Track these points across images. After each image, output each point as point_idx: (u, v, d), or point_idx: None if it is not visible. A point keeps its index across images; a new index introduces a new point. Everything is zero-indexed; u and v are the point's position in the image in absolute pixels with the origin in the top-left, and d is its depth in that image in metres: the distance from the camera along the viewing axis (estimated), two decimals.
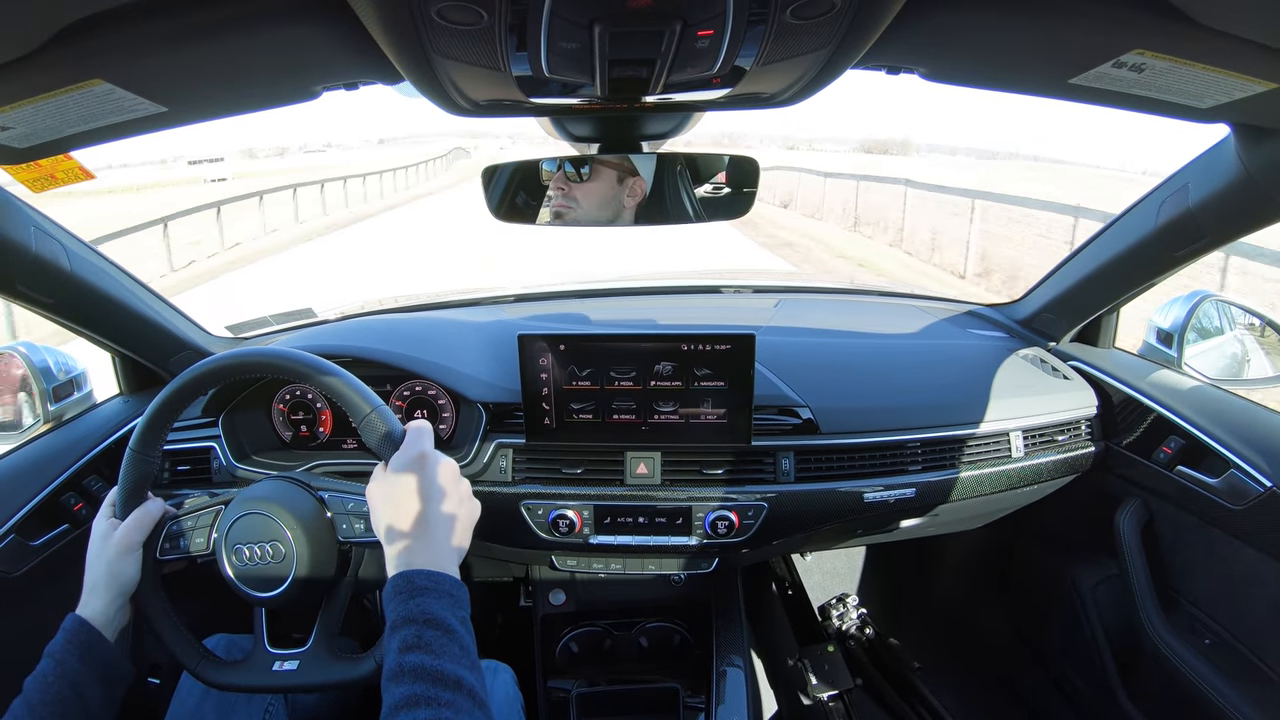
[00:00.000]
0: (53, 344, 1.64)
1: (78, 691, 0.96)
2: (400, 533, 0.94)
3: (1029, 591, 2.12)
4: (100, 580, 1.06)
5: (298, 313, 2.11)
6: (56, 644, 1.00)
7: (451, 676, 0.81)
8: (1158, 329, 1.73)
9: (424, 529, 0.95)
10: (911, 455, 1.57)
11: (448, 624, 0.86)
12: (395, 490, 0.97)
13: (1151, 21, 0.75)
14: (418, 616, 0.85)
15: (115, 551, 1.07)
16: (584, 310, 2.05)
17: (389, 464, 1.00)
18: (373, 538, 1.02)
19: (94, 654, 1.01)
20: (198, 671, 1.10)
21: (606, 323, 1.90)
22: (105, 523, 1.11)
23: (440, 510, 0.97)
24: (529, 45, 0.75)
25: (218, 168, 11.56)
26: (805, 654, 2.22)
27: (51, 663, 0.98)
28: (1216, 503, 1.47)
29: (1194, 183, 1.27)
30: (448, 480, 1.00)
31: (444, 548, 0.95)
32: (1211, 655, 1.49)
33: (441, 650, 0.83)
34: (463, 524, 1.00)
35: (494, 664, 1.46)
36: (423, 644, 0.83)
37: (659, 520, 1.52)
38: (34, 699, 0.94)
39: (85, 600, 1.06)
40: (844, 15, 0.71)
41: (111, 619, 1.06)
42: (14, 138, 0.91)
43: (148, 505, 1.13)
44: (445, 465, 1.01)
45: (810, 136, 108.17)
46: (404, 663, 0.82)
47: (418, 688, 0.79)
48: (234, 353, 1.10)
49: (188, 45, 0.78)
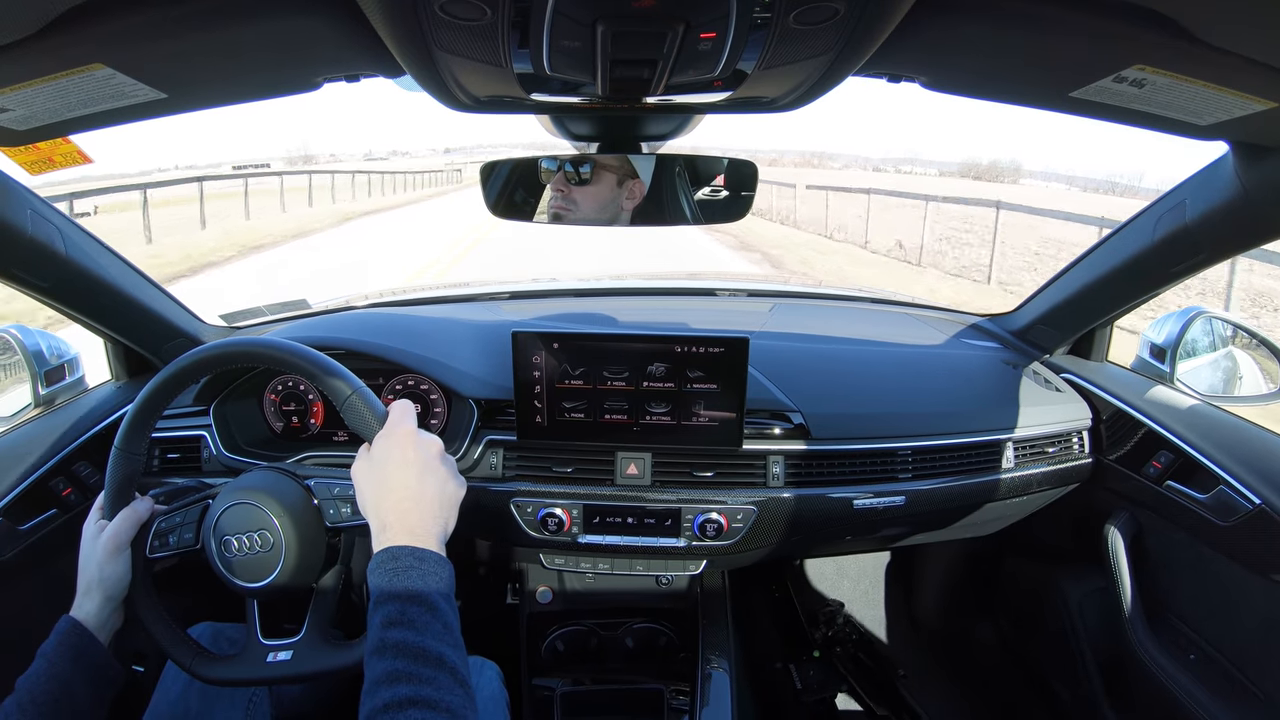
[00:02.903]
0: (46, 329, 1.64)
1: (68, 692, 0.97)
2: (385, 510, 0.94)
3: (1016, 602, 2.12)
4: (93, 582, 1.07)
5: (292, 304, 2.11)
6: (49, 645, 1.00)
7: (434, 654, 0.81)
8: (1151, 344, 1.73)
9: (408, 506, 0.94)
10: (902, 463, 1.57)
11: (431, 601, 0.86)
12: (379, 468, 0.97)
13: (1153, 37, 0.75)
14: (401, 593, 0.85)
15: (104, 553, 1.07)
16: (578, 309, 2.05)
17: (372, 444, 1.00)
18: (360, 520, 1.02)
19: (85, 656, 1.01)
20: (193, 669, 1.10)
21: (600, 322, 1.89)
22: (94, 524, 1.11)
23: (424, 488, 0.96)
24: (531, 42, 0.75)
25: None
26: (791, 659, 2.23)
27: (44, 663, 0.98)
28: (1205, 518, 1.47)
29: (1191, 199, 1.27)
30: (431, 458, 1.00)
31: (429, 525, 0.94)
32: (1196, 670, 1.50)
33: (424, 627, 0.83)
34: (448, 502, 1.00)
35: (480, 660, 1.46)
36: (405, 620, 0.83)
37: (648, 521, 1.52)
38: (24, 699, 0.95)
39: (79, 602, 1.06)
40: (846, 22, 0.71)
41: (105, 621, 1.06)
42: (13, 120, 0.91)
43: (135, 505, 1.13)
44: (429, 442, 1.01)
45: (901, 156, 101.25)
46: (386, 638, 0.81)
47: (399, 664, 0.79)
48: (214, 344, 1.10)
49: (189, 32, 0.78)
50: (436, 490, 0.98)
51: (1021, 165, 76.21)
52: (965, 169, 73.85)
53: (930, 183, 32.54)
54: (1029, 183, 50.44)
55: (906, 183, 24.21)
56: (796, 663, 2.22)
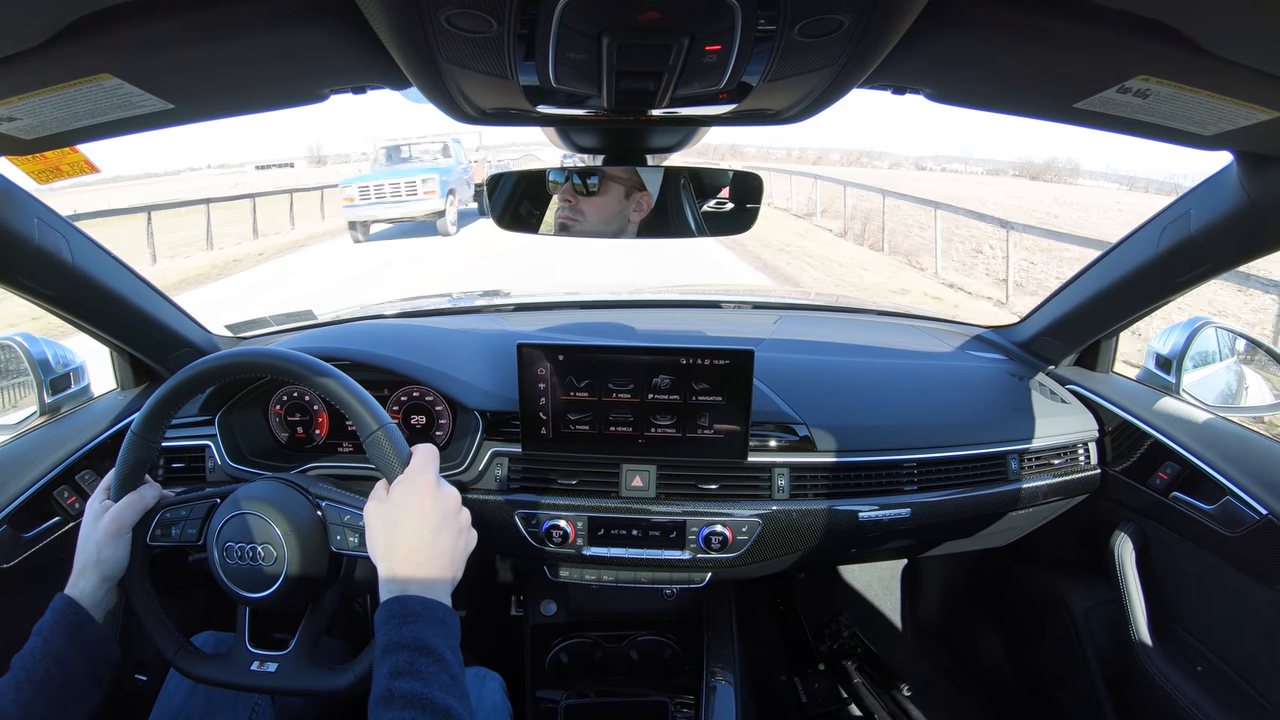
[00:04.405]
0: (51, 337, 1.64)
1: (63, 670, 0.97)
2: (395, 559, 0.95)
3: (1022, 614, 2.11)
4: (90, 562, 1.07)
5: (297, 314, 2.11)
6: (44, 623, 1.00)
7: (441, 705, 0.81)
8: (1156, 354, 1.72)
9: (421, 557, 0.95)
10: (908, 475, 1.56)
11: (439, 652, 0.86)
12: (395, 514, 0.97)
13: (1157, 48, 0.75)
14: (410, 643, 0.86)
15: (104, 534, 1.07)
16: (583, 321, 2.05)
17: (391, 486, 1.00)
18: (365, 553, 1.01)
19: (81, 633, 1.01)
20: (175, 661, 1.10)
21: (606, 334, 1.89)
22: (98, 504, 1.11)
23: (439, 540, 0.97)
24: (537, 55, 0.75)
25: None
26: (796, 672, 2.22)
27: (39, 641, 0.98)
28: (1211, 529, 1.46)
29: (1196, 209, 1.27)
30: (449, 510, 1.00)
31: (439, 576, 0.95)
32: (1203, 682, 1.49)
33: (432, 678, 0.84)
34: (459, 555, 1.01)
35: (483, 671, 1.45)
36: (414, 671, 0.83)
37: (653, 533, 1.51)
38: (20, 677, 0.94)
39: (74, 580, 1.06)
40: (851, 35, 0.71)
41: (100, 601, 1.06)
42: (20, 129, 0.91)
43: (142, 490, 1.13)
44: (448, 495, 1.01)
45: (954, 155, 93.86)
46: (394, 688, 0.82)
47: (407, 714, 0.79)
48: (247, 350, 1.10)
49: (197, 43, 0.78)
50: (450, 544, 0.99)
51: (1080, 165, 70.92)
52: (1020, 168, 68.77)
53: (970, 184, 29.43)
54: (1087, 183, 46.86)
55: (943, 183, 20.13)
56: (801, 675, 2.21)
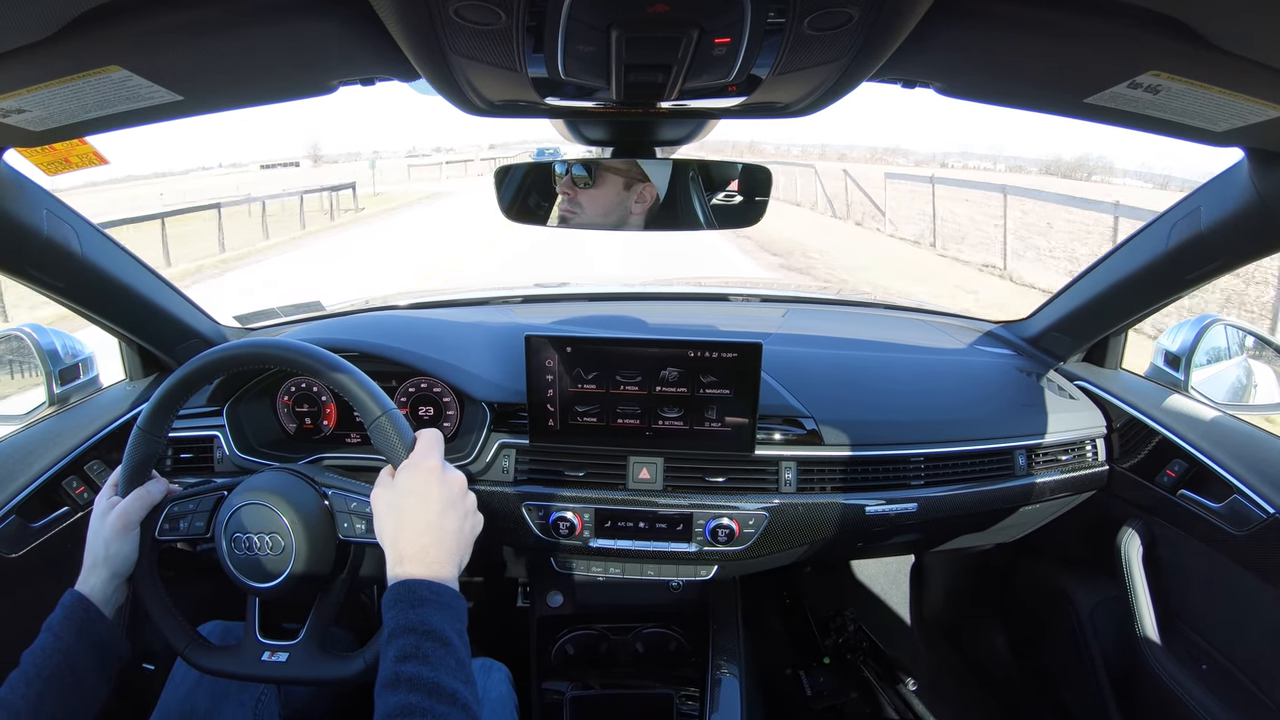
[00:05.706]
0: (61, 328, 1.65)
1: (72, 666, 0.97)
2: (403, 543, 0.95)
3: (1028, 610, 2.11)
4: (99, 558, 1.07)
5: (305, 305, 2.11)
6: (55, 619, 1.01)
7: (448, 690, 0.81)
8: (1165, 351, 1.72)
9: (427, 541, 0.95)
10: (914, 470, 1.56)
11: (445, 636, 0.86)
12: (401, 500, 0.98)
13: (1168, 44, 0.74)
14: (417, 627, 0.86)
15: (112, 529, 1.08)
16: (592, 313, 2.05)
17: (397, 472, 1.01)
18: (372, 539, 1.02)
19: (91, 630, 1.01)
20: (186, 654, 1.11)
21: (614, 326, 1.89)
22: (106, 500, 1.12)
23: (445, 523, 0.97)
24: (546, 47, 0.75)
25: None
26: (801, 666, 2.22)
27: (50, 637, 0.99)
28: (1218, 528, 1.46)
29: (1206, 206, 1.26)
30: (455, 494, 1.00)
31: (446, 560, 0.95)
32: (1208, 680, 1.48)
33: (439, 662, 0.84)
34: (466, 538, 1.01)
35: (489, 662, 1.46)
36: (420, 655, 0.83)
37: (659, 526, 1.52)
38: (30, 673, 0.95)
39: (84, 577, 1.06)
40: (861, 28, 0.71)
41: (109, 596, 1.06)
42: (30, 120, 0.91)
43: (149, 485, 1.13)
44: (454, 479, 1.02)
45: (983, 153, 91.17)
46: (400, 672, 0.82)
47: (413, 698, 0.79)
48: (253, 341, 1.10)
49: (206, 35, 0.78)
50: (456, 527, 0.99)
51: (1113, 163, 67.72)
52: (1047, 166, 65.59)
53: (990, 179, 26.38)
54: (1121, 182, 44.32)
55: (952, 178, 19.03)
56: (806, 669, 2.21)
